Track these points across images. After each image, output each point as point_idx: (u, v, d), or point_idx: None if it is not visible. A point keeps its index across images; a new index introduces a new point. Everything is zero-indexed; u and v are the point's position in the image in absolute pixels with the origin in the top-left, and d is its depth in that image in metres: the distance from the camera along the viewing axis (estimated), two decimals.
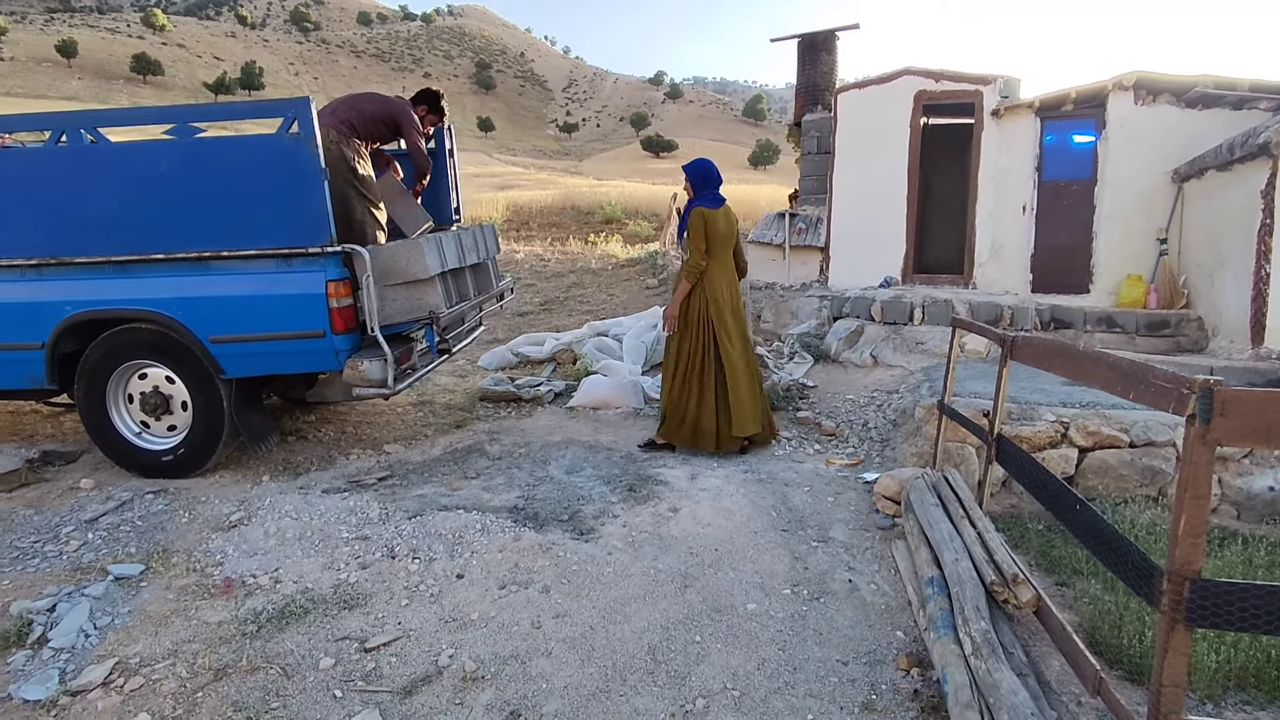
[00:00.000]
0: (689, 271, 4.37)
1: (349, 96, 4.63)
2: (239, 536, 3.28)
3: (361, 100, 4.57)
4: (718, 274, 4.41)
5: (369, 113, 4.48)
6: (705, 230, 4.31)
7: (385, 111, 4.53)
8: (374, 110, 4.50)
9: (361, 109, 4.48)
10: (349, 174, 4.27)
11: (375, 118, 4.49)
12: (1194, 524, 1.68)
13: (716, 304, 4.39)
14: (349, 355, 3.81)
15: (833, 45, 10.20)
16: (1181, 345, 6.22)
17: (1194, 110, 6.64)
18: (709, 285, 4.40)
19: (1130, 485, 3.75)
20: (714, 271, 4.40)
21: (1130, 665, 2.39)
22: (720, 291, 4.41)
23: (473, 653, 2.51)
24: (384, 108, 4.54)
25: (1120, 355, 2.08)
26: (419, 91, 4.94)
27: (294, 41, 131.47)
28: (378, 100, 4.58)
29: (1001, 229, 7.59)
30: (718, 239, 4.36)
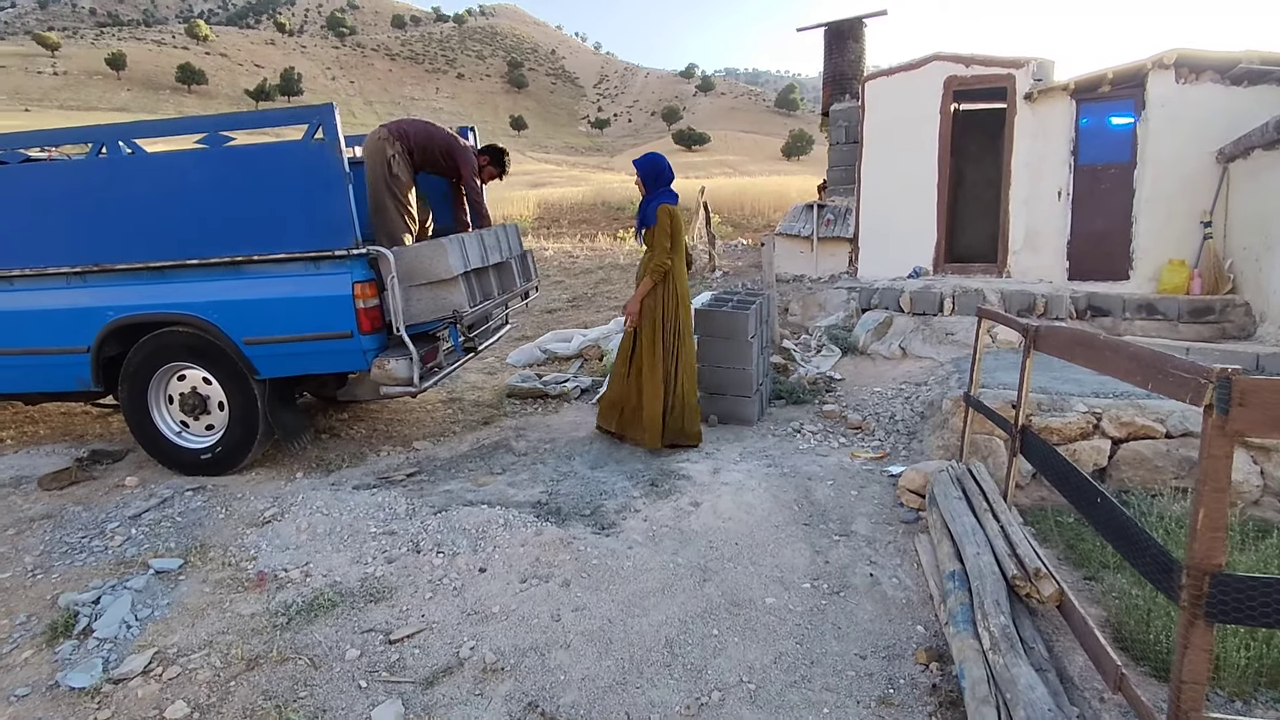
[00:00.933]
0: (655, 269, 4.34)
1: (424, 122, 4.77)
2: (272, 532, 3.39)
3: (434, 129, 4.71)
4: (681, 272, 4.46)
5: (438, 139, 4.63)
6: (671, 228, 4.32)
7: (449, 147, 4.66)
8: (442, 140, 4.65)
9: (431, 134, 4.64)
10: (385, 171, 4.40)
11: (439, 147, 4.64)
12: (1214, 517, 1.64)
13: (685, 302, 4.44)
14: (376, 355, 3.90)
15: (860, 33, 10.04)
16: (1227, 332, 6.00)
17: (1239, 88, 6.39)
18: (679, 283, 4.43)
19: (1166, 477, 3.64)
20: (679, 269, 4.42)
21: (1157, 661, 2.34)
22: (685, 289, 4.48)
23: (493, 645, 2.56)
24: (449, 144, 4.67)
25: (1137, 345, 2.03)
26: (489, 146, 5.06)
27: (330, 46, 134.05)
28: (448, 136, 4.71)
29: (1036, 215, 7.40)
30: (679, 236, 4.37)
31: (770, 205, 19.38)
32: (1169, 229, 6.69)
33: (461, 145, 4.72)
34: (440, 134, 4.68)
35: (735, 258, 11.51)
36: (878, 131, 8.09)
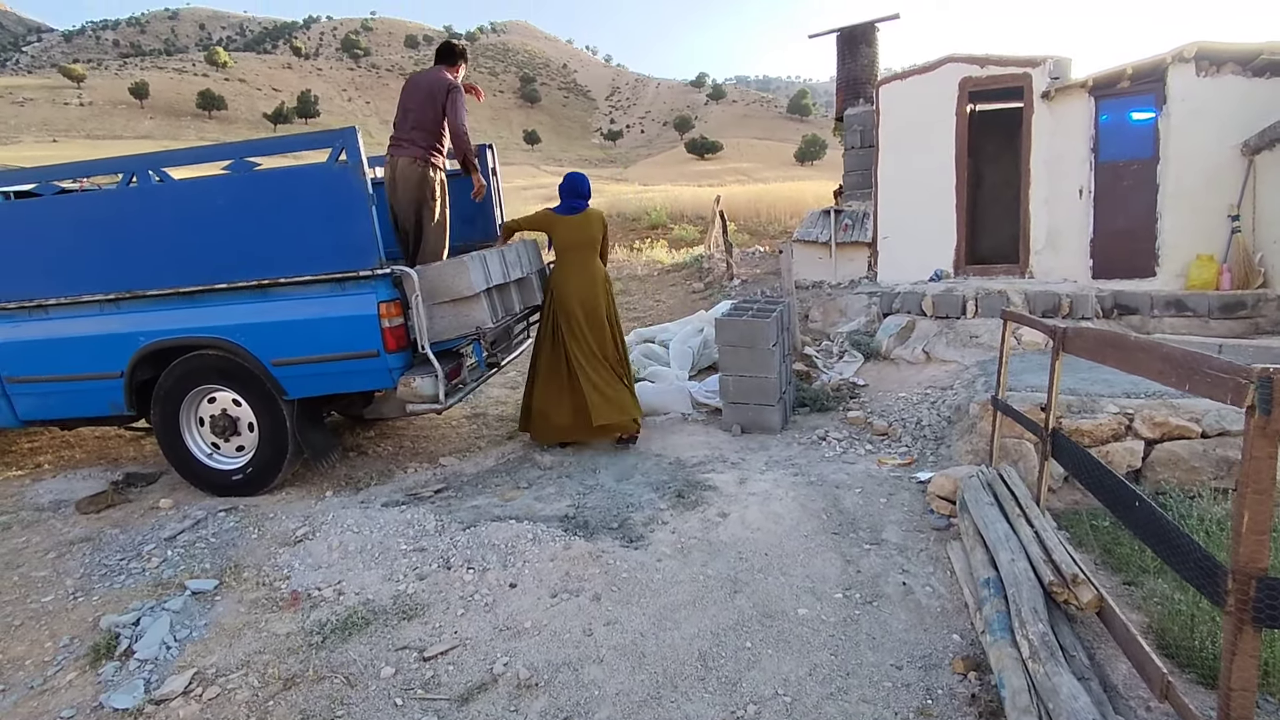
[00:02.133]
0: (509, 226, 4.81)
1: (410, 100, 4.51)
2: (304, 551, 3.43)
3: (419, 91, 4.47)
4: (568, 275, 4.67)
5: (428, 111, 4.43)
6: (547, 231, 4.74)
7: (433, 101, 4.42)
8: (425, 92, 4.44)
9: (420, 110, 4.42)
10: (430, 200, 4.46)
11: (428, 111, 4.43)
12: (1258, 520, 1.61)
13: (563, 304, 4.65)
14: (402, 373, 3.94)
15: (873, 37, 10.02)
16: (1260, 327, 5.88)
17: (1262, 79, 6.28)
18: (556, 287, 4.71)
19: (1203, 477, 3.57)
20: (564, 273, 4.68)
21: (1204, 668, 2.28)
22: (568, 292, 4.65)
23: (526, 660, 2.56)
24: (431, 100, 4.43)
25: (1171, 345, 2.00)
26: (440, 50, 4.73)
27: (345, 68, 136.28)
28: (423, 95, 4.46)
29: (1057, 215, 7.32)
30: (562, 242, 4.68)
31: (786, 211, 19.33)
32: (1195, 224, 6.58)
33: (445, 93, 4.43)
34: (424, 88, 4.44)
35: (753, 265, 11.49)
36: (893, 135, 8.05)
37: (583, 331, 4.66)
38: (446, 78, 4.49)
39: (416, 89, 4.48)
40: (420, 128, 4.42)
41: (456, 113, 4.42)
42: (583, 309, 4.66)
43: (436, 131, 4.45)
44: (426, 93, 4.43)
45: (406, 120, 4.45)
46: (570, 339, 4.67)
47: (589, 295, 4.68)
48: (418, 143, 4.41)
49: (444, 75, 4.51)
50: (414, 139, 4.41)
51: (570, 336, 4.67)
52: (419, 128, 4.42)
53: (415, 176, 4.40)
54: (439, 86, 4.42)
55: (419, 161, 4.40)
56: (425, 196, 4.45)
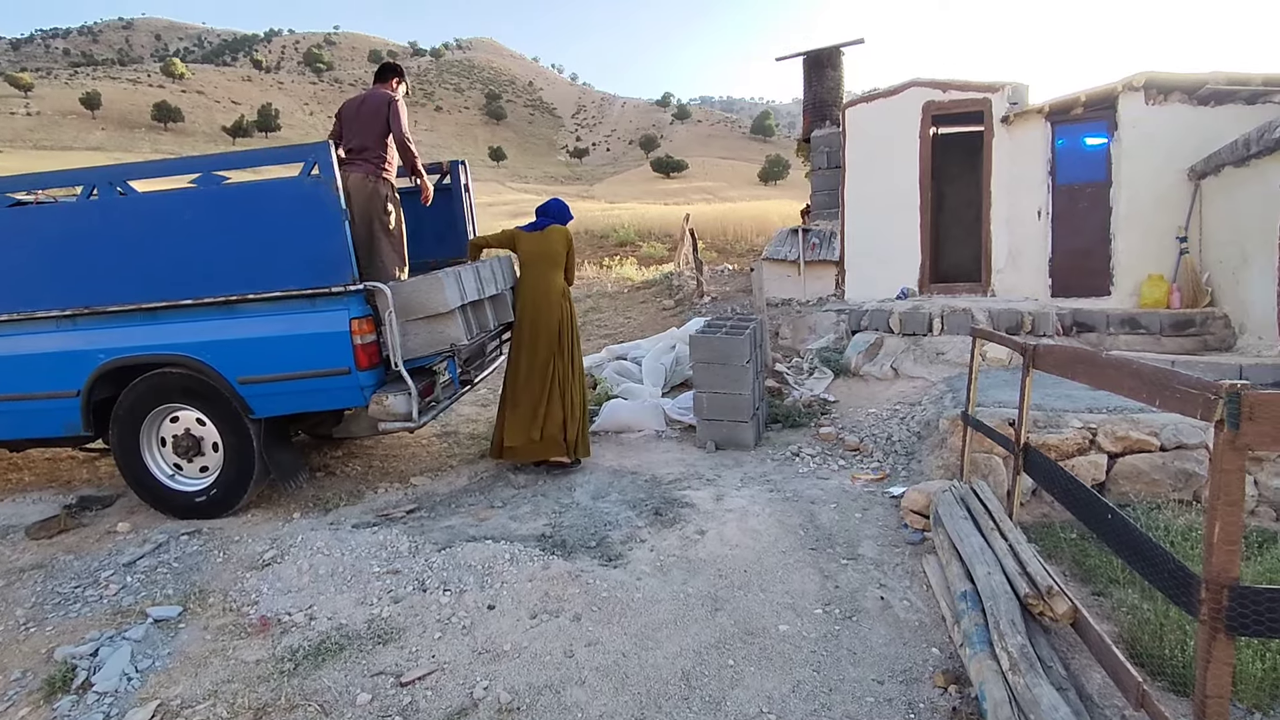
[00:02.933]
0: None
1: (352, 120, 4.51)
2: (273, 575, 3.33)
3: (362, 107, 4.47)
4: (523, 288, 4.74)
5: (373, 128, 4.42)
6: (511, 247, 4.84)
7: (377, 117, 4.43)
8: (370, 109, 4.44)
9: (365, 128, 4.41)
10: (382, 213, 4.38)
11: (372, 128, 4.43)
12: (1229, 530, 1.66)
13: (517, 315, 4.74)
14: (374, 390, 3.87)
15: (838, 61, 10.27)
16: (1208, 344, 6.12)
17: (1206, 107, 6.60)
18: (516, 299, 4.78)
19: (1164, 489, 3.69)
20: (521, 286, 4.76)
21: (1174, 676, 2.34)
22: (521, 304, 4.73)
23: (507, 683, 2.52)
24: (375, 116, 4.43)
25: (1142, 361, 2.06)
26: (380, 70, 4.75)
27: (308, 82, 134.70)
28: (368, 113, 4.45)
29: (1017, 235, 7.55)
30: (522, 257, 4.77)
31: (752, 230, 19.61)
32: (1146, 245, 6.85)
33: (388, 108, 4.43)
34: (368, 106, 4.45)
35: (722, 283, 11.60)
36: (859, 156, 8.24)
37: (532, 343, 4.64)
38: (385, 93, 4.51)
39: (358, 107, 4.50)
40: (367, 144, 4.39)
41: (399, 124, 4.42)
42: (532, 321, 4.66)
43: (382, 146, 4.44)
44: (370, 110, 4.44)
45: (351, 138, 4.44)
46: (517, 349, 4.69)
47: (541, 308, 4.67)
48: (367, 159, 4.37)
49: (382, 91, 4.54)
50: (363, 155, 4.38)
51: (517, 346, 4.69)
52: (365, 144, 4.39)
53: (366, 191, 4.33)
54: (379, 101, 4.44)
55: (370, 176, 4.35)
56: (377, 210, 4.37)
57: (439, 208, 5.27)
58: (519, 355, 4.68)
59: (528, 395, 4.61)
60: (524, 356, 4.66)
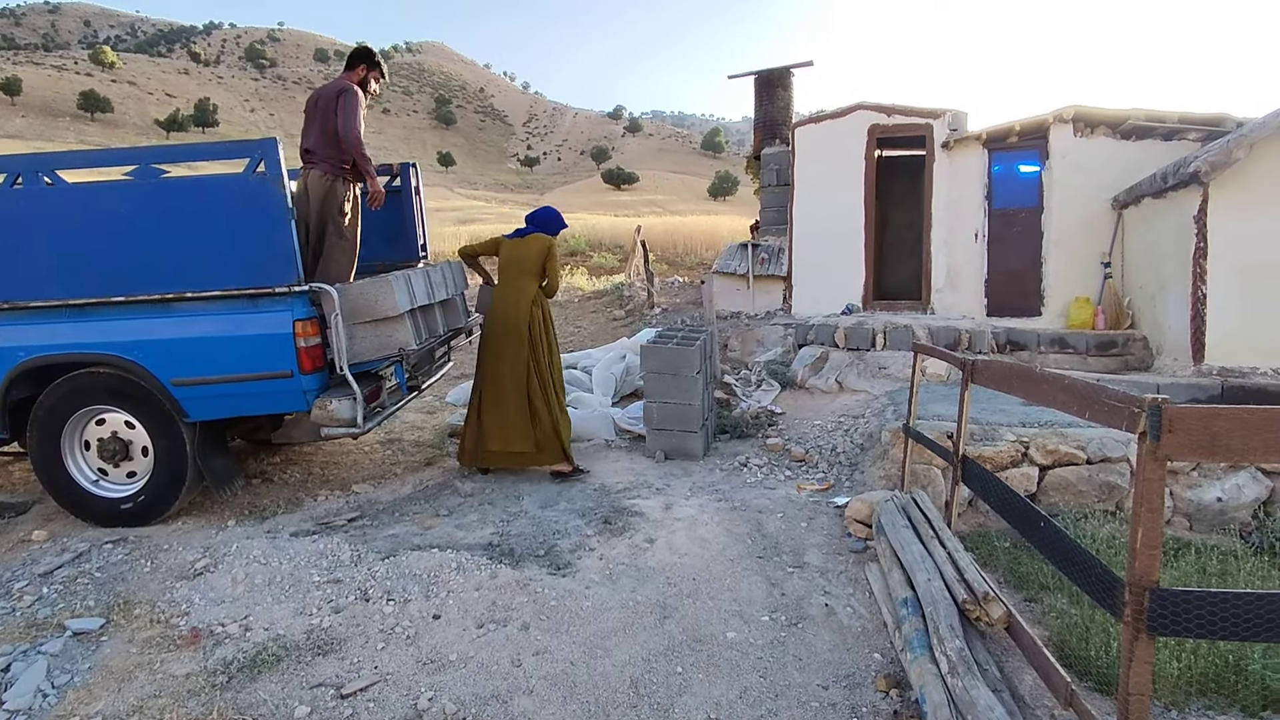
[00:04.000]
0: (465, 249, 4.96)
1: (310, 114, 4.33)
2: (205, 584, 3.19)
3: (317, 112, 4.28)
4: (496, 293, 4.71)
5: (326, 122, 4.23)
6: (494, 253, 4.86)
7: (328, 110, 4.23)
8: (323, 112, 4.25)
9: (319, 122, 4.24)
10: (336, 214, 4.25)
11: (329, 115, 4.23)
12: (1150, 536, 1.76)
13: (488, 319, 4.70)
14: (317, 395, 3.77)
15: (788, 81, 10.53)
16: (1129, 364, 6.47)
17: (1129, 141, 7.01)
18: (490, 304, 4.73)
19: (1089, 500, 3.88)
20: (495, 291, 4.73)
21: (1099, 676, 2.46)
22: (493, 308, 4.69)
23: (452, 694, 2.47)
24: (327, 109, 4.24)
25: (1074, 376, 2.18)
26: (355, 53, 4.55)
27: (249, 78, 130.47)
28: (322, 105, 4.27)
29: (956, 256, 7.85)
30: (500, 261, 4.78)
31: (702, 244, 19.86)
32: (1074, 269, 7.22)
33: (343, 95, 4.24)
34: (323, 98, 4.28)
35: (672, 294, 11.70)
36: (807, 175, 8.45)
37: (497, 347, 4.60)
38: (340, 82, 4.34)
39: (316, 100, 4.31)
40: (320, 140, 4.22)
41: (345, 116, 4.18)
42: (502, 327, 4.61)
43: (337, 142, 4.24)
44: (324, 102, 4.26)
45: (308, 134, 4.27)
46: (483, 354, 4.67)
47: (510, 314, 4.61)
48: (325, 157, 4.22)
49: (340, 81, 4.37)
50: (322, 153, 4.22)
51: (483, 351, 4.67)
52: (319, 140, 4.22)
53: (322, 190, 4.21)
54: (331, 92, 4.26)
55: (326, 175, 4.21)
56: (331, 210, 4.23)
57: (389, 210, 5.18)
58: (484, 360, 4.64)
59: (501, 401, 4.55)
60: (489, 362, 4.61)
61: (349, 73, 4.45)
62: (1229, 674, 2.38)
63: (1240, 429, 1.68)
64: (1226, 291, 5.55)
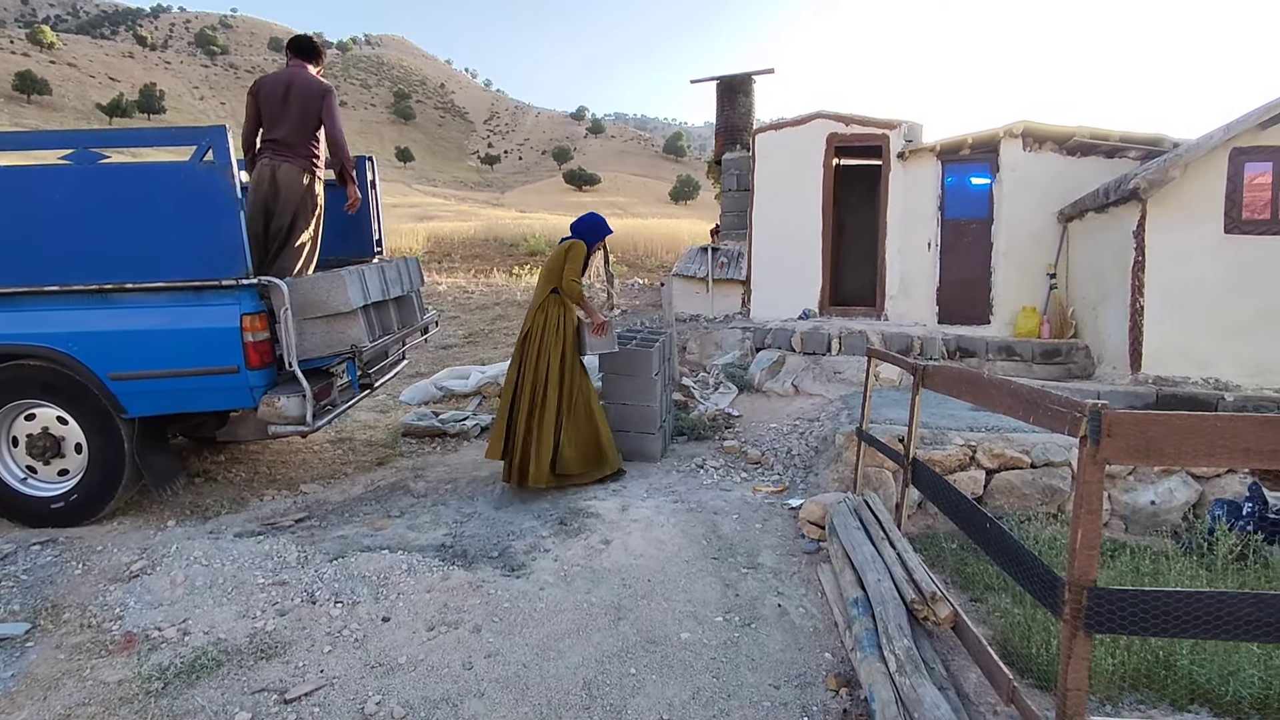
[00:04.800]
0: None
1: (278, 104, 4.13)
2: (141, 587, 3.07)
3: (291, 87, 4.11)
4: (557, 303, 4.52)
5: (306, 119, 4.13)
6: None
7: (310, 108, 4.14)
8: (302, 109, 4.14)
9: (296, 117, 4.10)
10: (310, 212, 4.16)
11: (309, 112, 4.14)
12: (1089, 537, 1.82)
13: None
14: (265, 391, 3.66)
15: (750, 88, 10.65)
16: (1072, 372, 6.71)
17: (1074, 157, 7.29)
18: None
19: (1033, 503, 4.00)
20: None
21: (1039, 673, 2.53)
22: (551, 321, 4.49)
23: (401, 698, 2.42)
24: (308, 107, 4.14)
25: (1020, 383, 2.25)
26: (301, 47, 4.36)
27: (199, 65, 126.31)
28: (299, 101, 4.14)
29: (909, 264, 8.04)
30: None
31: (662, 247, 19.92)
32: (1022, 279, 7.46)
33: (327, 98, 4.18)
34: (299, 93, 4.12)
35: (632, 297, 11.72)
36: (767, 181, 8.55)
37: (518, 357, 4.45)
38: (322, 82, 4.23)
39: (285, 91, 4.11)
40: (298, 135, 4.11)
41: (335, 120, 4.16)
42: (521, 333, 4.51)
43: (314, 139, 4.19)
44: (302, 98, 4.12)
45: (279, 126, 4.10)
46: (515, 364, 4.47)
47: (529, 318, 4.50)
48: (300, 151, 4.10)
49: (317, 78, 4.25)
50: (301, 148, 4.10)
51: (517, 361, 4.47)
52: (296, 135, 4.10)
53: (301, 186, 4.08)
54: (313, 91, 4.14)
55: (305, 172, 4.10)
56: (307, 208, 4.14)
57: (343, 204, 5.08)
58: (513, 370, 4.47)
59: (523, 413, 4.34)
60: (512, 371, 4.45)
61: (314, 64, 4.31)
62: (1159, 669, 2.48)
63: (1173, 434, 1.75)
64: (1162, 304, 5.80)
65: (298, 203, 4.10)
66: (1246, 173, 5.66)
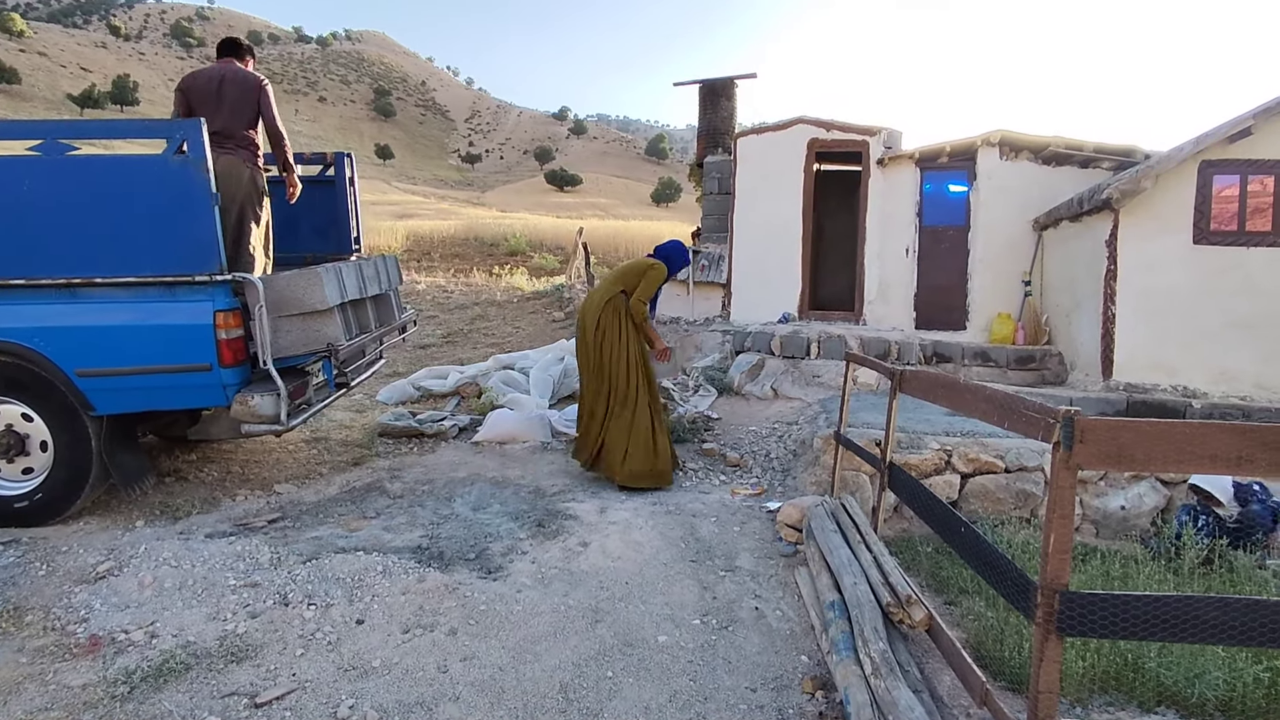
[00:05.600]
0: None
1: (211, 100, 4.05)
2: (108, 588, 3.00)
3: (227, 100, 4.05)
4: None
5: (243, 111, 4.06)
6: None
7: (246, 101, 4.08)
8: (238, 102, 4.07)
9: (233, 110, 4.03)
10: (256, 205, 4.08)
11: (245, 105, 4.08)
12: (1061, 541, 1.85)
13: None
14: (238, 390, 3.60)
15: (732, 92, 10.70)
16: (1045, 378, 6.81)
17: (1049, 167, 7.41)
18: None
19: (1007, 507, 4.05)
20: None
21: (1012, 676, 2.57)
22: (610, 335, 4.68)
23: (375, 701, 2.39)
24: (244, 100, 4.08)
25: (995, 388, 2.27)
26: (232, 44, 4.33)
27: (174, 56, 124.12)
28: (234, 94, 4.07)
29: (888, 270, 8.12)
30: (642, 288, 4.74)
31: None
32: (997, 286, 7.57)
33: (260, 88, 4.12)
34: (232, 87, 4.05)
35: None
36: (748, 184, 8.59)
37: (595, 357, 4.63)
38: (253, 75, 4.18)
39: (219, 86, 4.04)
40: (236, 129, 4.04)
41: (273, 112, 4.14)
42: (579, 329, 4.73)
43: (252, 131, 4.14)
44: (237, 91, 4.05)
45: (215, 120, 3.96)
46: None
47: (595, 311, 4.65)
48: (239, 144, 4.04)
49: (248, 72, 4.19)
50: (236, 139, 4.03)
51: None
52: (235, 128, 4.03)
53: (243, 179, 4.00)
54: (247, 84, 4.08)
55: (246, 164, 4.03)
56: (252, 201, 4.06)
57: (322, 201, 5.02)
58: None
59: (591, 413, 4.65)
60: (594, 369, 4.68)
61: (247, 60, 4.30)
62: (1128, 672, 2.52)
63: (1144, 441, 1.78)
64: (1134, 312, 5.91)
65: (244, 196, 4.00)
66: (1215, 185, 5.79)
